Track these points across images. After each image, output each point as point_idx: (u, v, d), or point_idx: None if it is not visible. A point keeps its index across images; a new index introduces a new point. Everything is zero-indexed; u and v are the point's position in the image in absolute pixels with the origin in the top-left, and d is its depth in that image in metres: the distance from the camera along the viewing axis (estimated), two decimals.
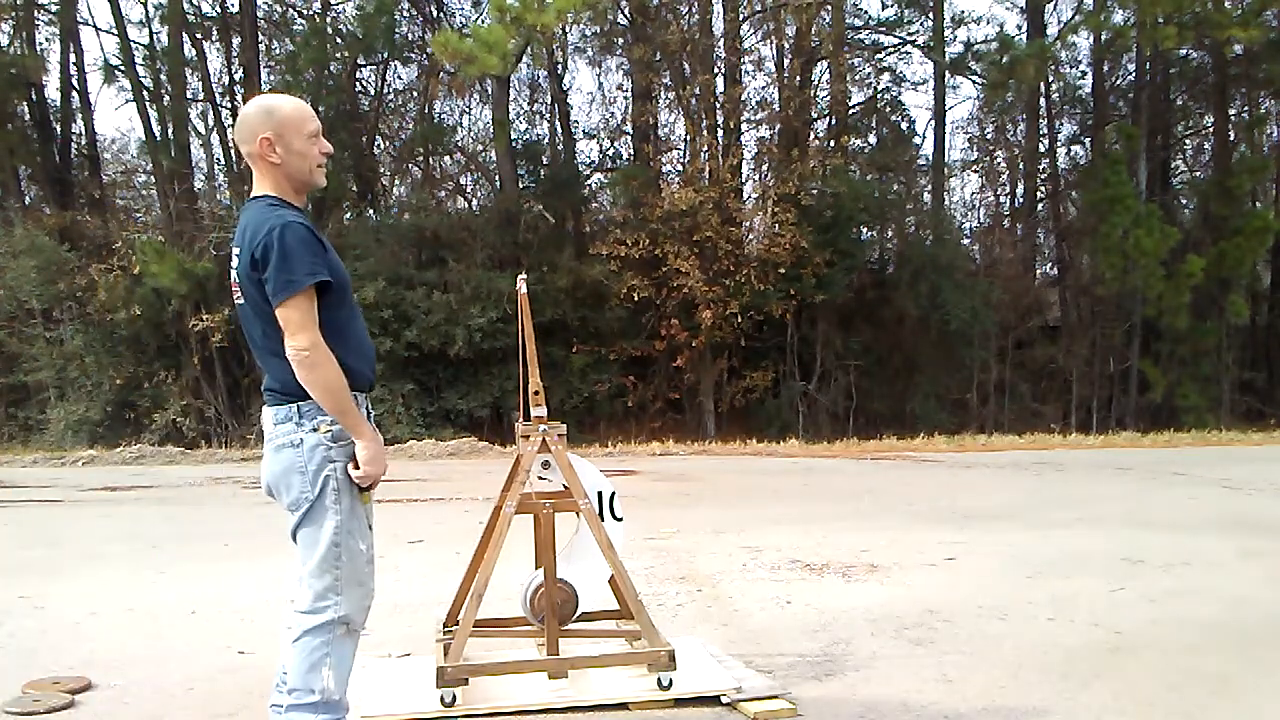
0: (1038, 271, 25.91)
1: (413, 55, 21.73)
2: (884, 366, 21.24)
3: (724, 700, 3.28)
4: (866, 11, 23.33)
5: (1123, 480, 10.37)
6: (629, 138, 22.82)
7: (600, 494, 3.50)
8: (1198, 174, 25.73)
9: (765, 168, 21.74)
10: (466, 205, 22.82)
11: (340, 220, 19.88)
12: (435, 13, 21.76)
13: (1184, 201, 25.24)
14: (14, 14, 19.47)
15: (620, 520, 3.57)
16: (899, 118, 23.89)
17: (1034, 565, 5.63)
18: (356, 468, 2.52)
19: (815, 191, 19.91)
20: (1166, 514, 7.68)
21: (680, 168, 21.44)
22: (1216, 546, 6.14)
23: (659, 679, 3.30)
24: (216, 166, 21.61)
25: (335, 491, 2.51)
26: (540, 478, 3.37)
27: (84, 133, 21.42)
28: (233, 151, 20.68)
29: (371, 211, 20.62)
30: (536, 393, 3.33)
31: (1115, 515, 7.64)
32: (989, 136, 26.00)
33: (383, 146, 22.92)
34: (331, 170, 2.91)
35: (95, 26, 22.28)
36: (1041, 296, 25.02)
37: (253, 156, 2.54)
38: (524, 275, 3.57)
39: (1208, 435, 17.29)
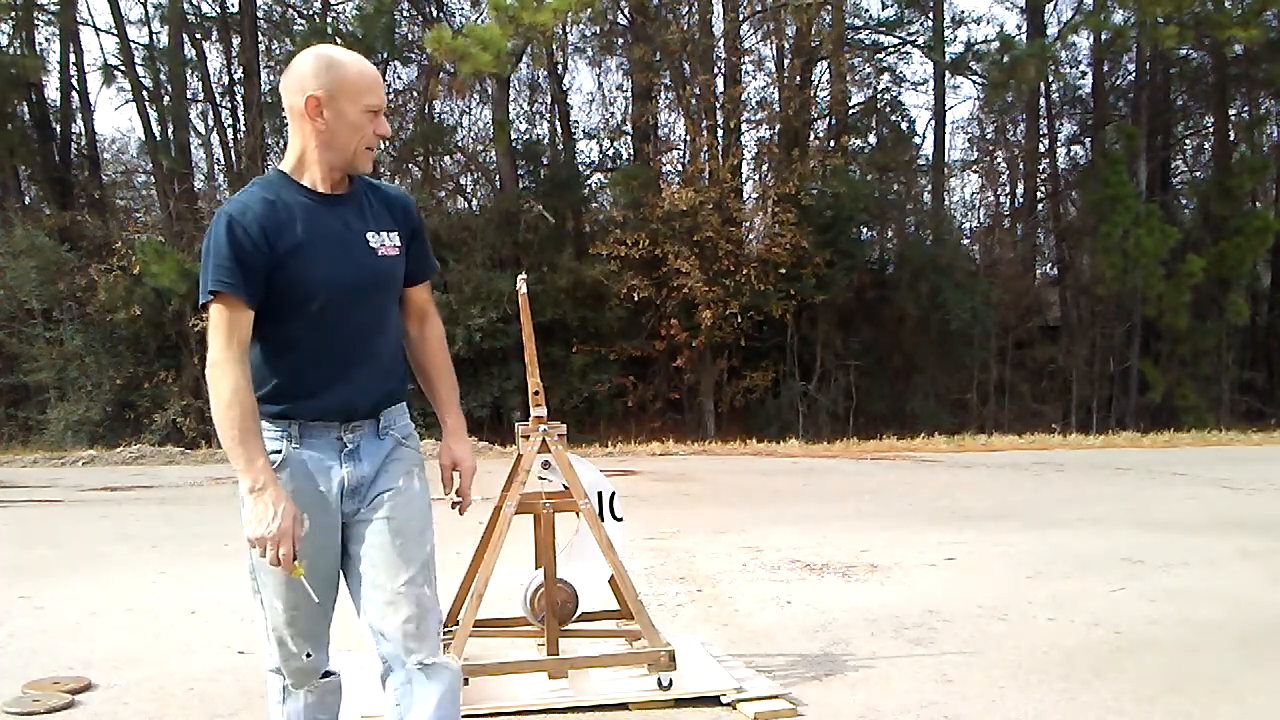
0: (1038, 271, 25.89)
1: (413, 55, 21.72)
2: (884, 366, 21.24)
3: (724, 700, 3.28)
4: (867, 11, 23.33)
5: (1123, 480, 10.36)
6: (629, 138, 22.80)
7: (600, 494, 3.50)
8: (1198, 174, 25.71)
9: (765, 168, 21.74)
10: (466, 205, 22.82)
11: None
12: (435, 13, 21.76)
13: (1184, 201, 25.22)
14: (14, 14, 19.46)
15: (620, 520, 3.57)
16: (899, 118, 23.86)
17: (1034, 565, 5.63)
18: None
19: (815, 191, 19.90)
20: (1166, 514, 7.68)
21: (680, 168, 21.43)
22: (1216, 546, 6.14)
23: (659, 679, 3.30)
24: (216, 166, 21.64)
25: None
26: (540, 478, 3.37)
27: (84, 133, 21.41)
28: (233, 152, 20.75)
29: None
30: (536, 393, 3.33)
31: (1115, 515, 7.64)
32: (989, 136, 25.98)
33: (383, 146, 22.84)
34: None
35: (95, 26, 22.21)
36: (1041, 296, 25.01)
37: (293, 113, 2.10)
38: (524, 275, 3.56)
39: (1208, 435, 17.27)
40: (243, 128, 20.30)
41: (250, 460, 1.98)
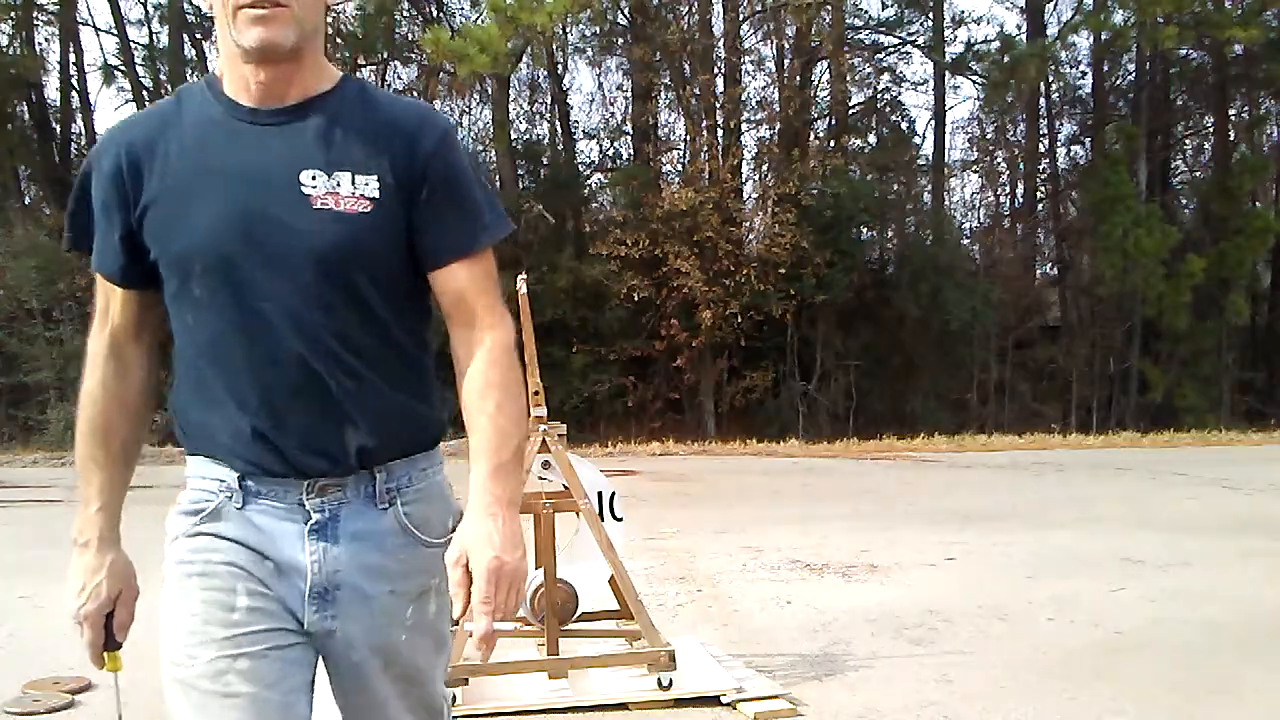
0: (1038, 271, 25.90)
1: (413, 55, 21.74)
2: (884, 366, 21.24)
3: (724, 700, 3.28)
4: (866, 11, 23.34)
5: (1123, 480, 10.36)
6: (629, 138, 22.82)
7: (600, 494, 3.50)
8: (1198, 174, 25.73)
9: (765, 168, 21.74)
10: None
11: None
12: (435, 12, 21.76)
13: (1184, 201, 25.24)
14: (14, 14, 19.47)
15: (620, 520, 3.57)
16: (899, 118, 23.92)
17: (1034, 565, 5.63)
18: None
19: (815, 191, 19.92)
20: (1166, 514, 7.68)
21: (680, 168, 21.44)
22: (1216, 546, 6.14)
23: (659, 679, 3.30)
24: None
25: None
26: (540, 478, 3.37)
27: (84, 133, 21.42)
28: None
29: None
30: (536, 393, 3.33)
31: (1115, 515, 7.64)
32: (989, 136, 25.99)
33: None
34: None
35: (95, 26, 22.23)
36: (1041, 296, 25.02)
37: None
38: (524, 275, 3.56)
39: (1208, 435, 17.28)
40: None
41: (85, 500, 1.43)
